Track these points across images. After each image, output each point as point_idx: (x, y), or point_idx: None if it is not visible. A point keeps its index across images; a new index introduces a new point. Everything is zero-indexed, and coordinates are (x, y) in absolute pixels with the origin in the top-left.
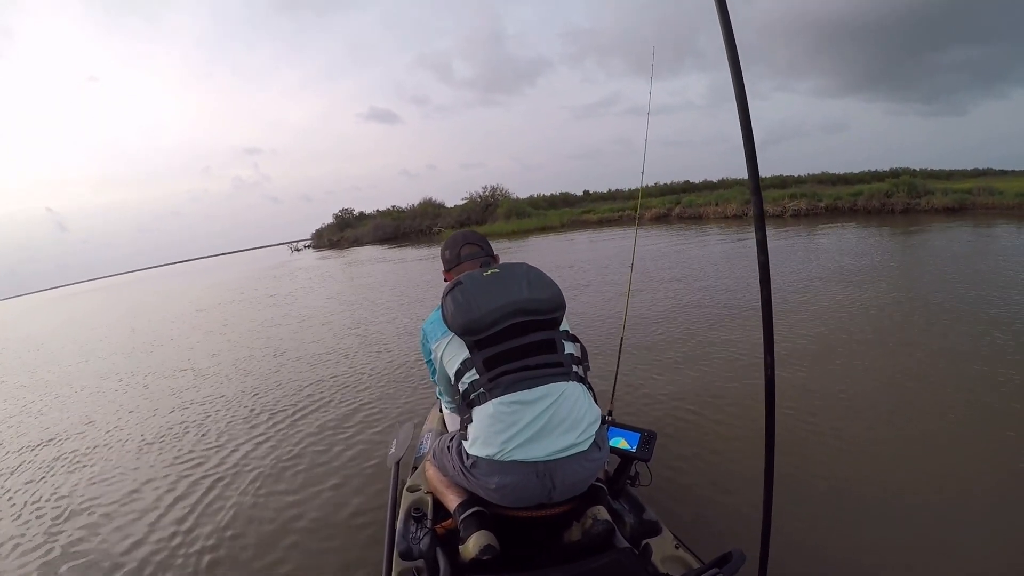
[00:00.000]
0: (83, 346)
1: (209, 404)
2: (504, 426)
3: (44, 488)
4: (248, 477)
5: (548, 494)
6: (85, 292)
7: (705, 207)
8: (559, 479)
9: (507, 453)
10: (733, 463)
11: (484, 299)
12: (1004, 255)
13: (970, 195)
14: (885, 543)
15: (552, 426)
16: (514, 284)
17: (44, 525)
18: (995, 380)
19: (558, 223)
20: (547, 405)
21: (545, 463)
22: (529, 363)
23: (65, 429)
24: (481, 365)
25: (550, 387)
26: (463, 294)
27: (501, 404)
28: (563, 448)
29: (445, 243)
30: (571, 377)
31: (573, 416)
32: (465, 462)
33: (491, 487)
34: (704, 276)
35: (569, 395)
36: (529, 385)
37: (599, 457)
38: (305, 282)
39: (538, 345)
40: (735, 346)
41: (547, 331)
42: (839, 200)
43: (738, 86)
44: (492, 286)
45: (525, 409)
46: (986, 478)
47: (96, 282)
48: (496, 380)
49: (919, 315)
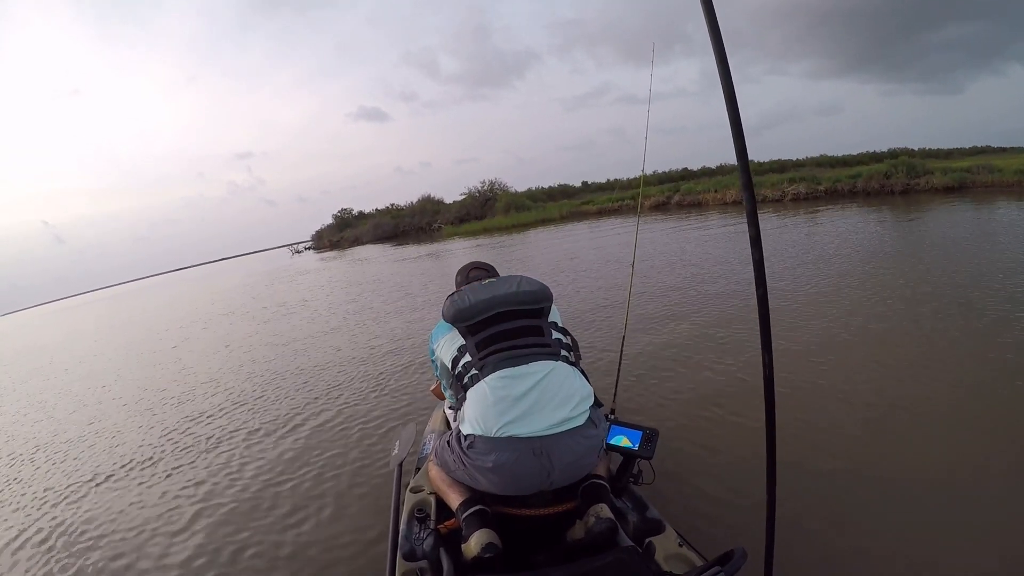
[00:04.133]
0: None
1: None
2: (495, 400)
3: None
4: (251, 473)
5: (547, 475)
6: (83, 305)
7: (704, 194)
8: (556, 457)
9: (502, 429)
10: (736, 460)
11: (476, 295)
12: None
13: (969, 173)
14: (890, 534)
15: (544, 401)
16: (505, 285)
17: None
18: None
19: (557, 215)
20: (537, 380)
21: (541, 439)
22: (518, 343)
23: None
24: (474, 348)
25: (539, 363)
26: (459, 295)
27: (492, 380)
28: (557, 423)
29: (456, 273)
30: (559, 357)
31: (564, 391)
32: (462, 443)
33: (488, 466)
34: (704, 267)
35: (559, 371)
36: (518, 362)
37: (595, 434)
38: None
39: (526, 329)
40: (738, 341)
41: (534, 319)
42: (839, 183)
43: (725, 80)
44: (486, 288)
45: (515, 383)
46: (995, 465)
47: (96, 293)
48: (486, 359)
49: (937, 303)
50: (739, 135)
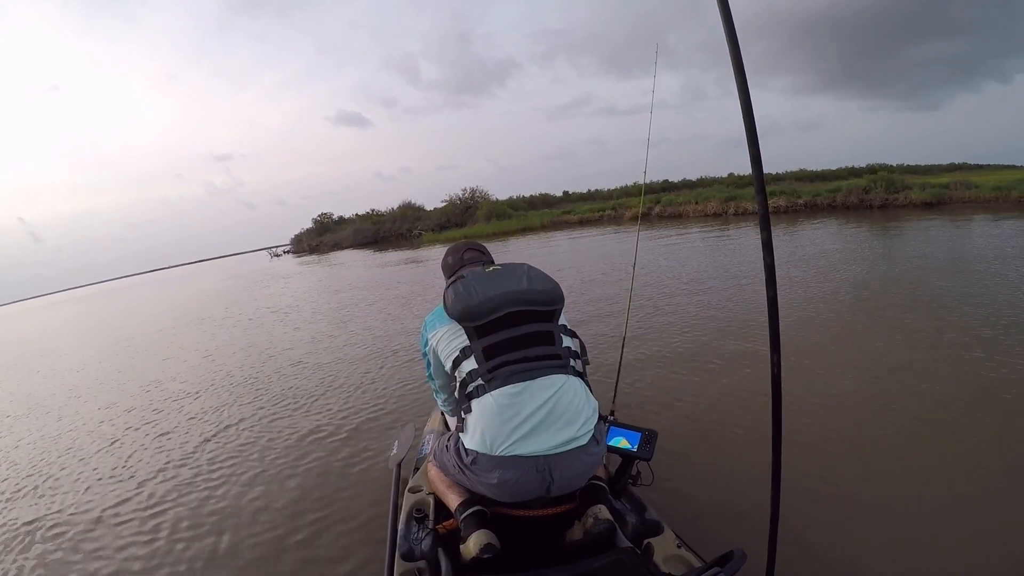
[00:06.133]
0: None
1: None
2: (504, 419)
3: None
4: (246, 477)
5: (547, 488)
6: (61, 304)
7: (685, 206)
8: (558, 473)
9: (508, 448)
10: (734, 461)
11: (484, 288)
12: (990, 248)
13: (947, 189)
14: (888, 541)
15: (552, 419)
16: (514, 277)
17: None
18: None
19: (539, 224)
20: (547, 398)
21: (545, 457)
22: (528, 354)
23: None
24: (480, 354)
25: (550, 379)
26: (464, 285)
27: (501, 396)
28: (563, 442)
29: (446, 252)
30: (569, 370)
31: (572, 409)
32: (464, 459)
33: (491, 482)
34: (694, 273)
35: (568, 388)
36: (528, 377)
37: (597, 451)
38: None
39: (537, 336)
40: (734, 344)
41: (545, 323)
42: (818, 197)
43: (743, 93)
44: (492, 279)
45: (525, 402)
46: (988, 470)
47: (72, 292)
48: (495, 372)
49: (914, 310)
50: (754, 142)
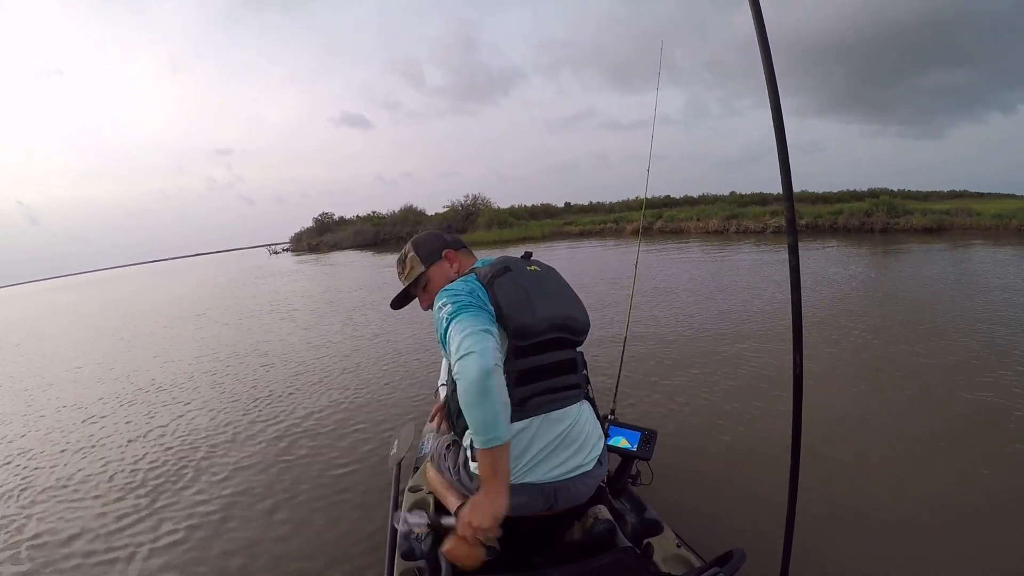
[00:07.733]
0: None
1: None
2: (520, 451)
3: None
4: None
5: (549, 507)
6: (64, 291)
7: (687, 221)
8: (562, 496)
9: (516, 476)
10: (734, 461)
11: (541, 301)
12: (993, 276)
13: (948, 216)
14: (896, 553)
15: (564, 447)
16: (560, 295)
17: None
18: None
19: (539, 234)
20: (565, 426)
21: (553, 484)
22: (555, 384)
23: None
24: (514, 377)
25: (568, 410)
26: (515, 283)
27: (520, 425)
28: (572, 469)
29: (416, 241)
30: (584, 397)
31: (583, 437)
32: (469, 484)
33: None
34: (694, 283)
35: (583, 416)
36: (550, 408)
37: (600, 473)
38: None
39: (564, 364)
40: (734, 348)
41: (572, 351)
42: (819, 218)
43: (774, 101)
44: (542, 287)
45: (542, 434)
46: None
47: (72, 278)
48: (526, 402)
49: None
50: (783, 150)
